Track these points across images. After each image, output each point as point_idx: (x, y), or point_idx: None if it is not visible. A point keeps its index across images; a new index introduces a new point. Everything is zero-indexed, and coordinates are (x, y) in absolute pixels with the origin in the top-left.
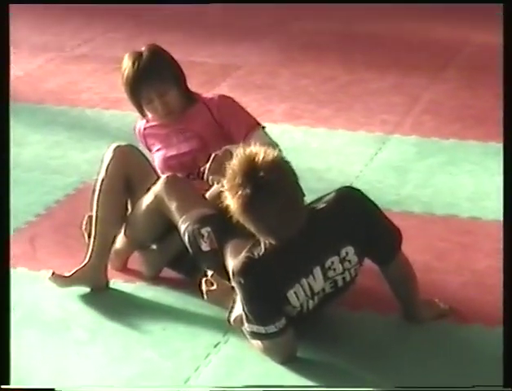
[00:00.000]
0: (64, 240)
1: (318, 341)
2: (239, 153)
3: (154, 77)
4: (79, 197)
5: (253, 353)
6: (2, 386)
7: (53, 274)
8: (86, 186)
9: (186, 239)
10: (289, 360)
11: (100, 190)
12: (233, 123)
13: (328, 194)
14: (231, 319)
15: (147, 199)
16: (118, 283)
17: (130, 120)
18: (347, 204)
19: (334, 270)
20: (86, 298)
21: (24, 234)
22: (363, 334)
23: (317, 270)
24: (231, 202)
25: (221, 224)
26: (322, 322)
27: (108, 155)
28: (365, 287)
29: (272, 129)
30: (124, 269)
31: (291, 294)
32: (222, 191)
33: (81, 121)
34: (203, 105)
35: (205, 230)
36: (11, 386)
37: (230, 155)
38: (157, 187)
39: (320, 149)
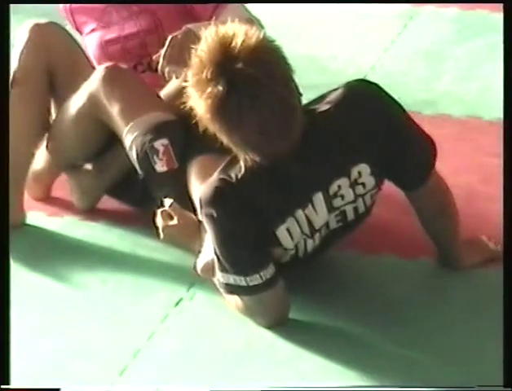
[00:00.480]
0: None
1: (317, 296)
2: (209, 34)
3: None
4: None
5: (227, 313)
6: (2, 386)
7: None
8: None
9: (134, 155)
10: (278, 323)
11: (11, 87)
12: None
13: (333, 90)
14: (199, 267)
15: (78, 100)
16: (39, 217)
17: None
18: (360, 105)
19: (342, 196)
20: None
21: None
22: (379, 286)
23: (319, 198)
24: (198, 103)
25: (182, 134)
26: (323, 269)
27: (20, 37)
28: (384, 221)
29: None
30: (47, 198)
31: (282, 231)
32: (184, 88)
33: None
34: None
35: (160, 143)
36: (11, 386)
37: (194, 37)
38: (93, 83)
39: (320, 28)
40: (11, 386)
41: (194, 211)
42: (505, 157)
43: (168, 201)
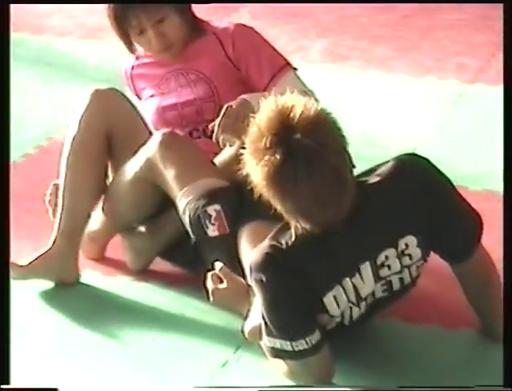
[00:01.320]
0: (21, 217)
1: (362, 362)
2: (268, 104)
3: None
4: (42, 159)
5: (272, 377)
6: (2, 386)
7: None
8: (53, 143)
9: (187, 219)
10: (324, 383)
11: (71, 149)
12: (253, 63)
13: (383, 163)
14: (246, 330)
15: (134, 164)
16: (93, 276)
17: (115, 56)
18: (410, 178)
19: (389, 267)
20: (47, 296)
21: None
22: (424, 355)
23: (366, 267)
24: (254, 170)
25: (235, 200)
26: (368, 336)
27: (82, 102)
28: (429, 291)
29: (307, 73)
30: (101, 258)
31: (329, 298)
32: (238, 156)
33: (48, 55)
34: (213, 38)
35: (212, 209)
36: (11, 386)
37: (249, 107)
38: (150, 148)
39: (373, 103)
40: (11, 386)
41: (243, 275)
42: None
43: (218, 265)
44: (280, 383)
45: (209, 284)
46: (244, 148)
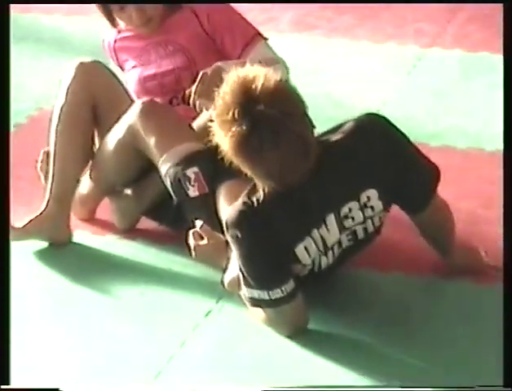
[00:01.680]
0: (14, 183)
1: (332, 309)
2: (231, 77)
3: None
4: (32, 128)
5: (252, 323)
6: (2, 386)
7: None
8: (42, 113)
9: (168, 182)
10: (297, 332)
11: (59, 118)
12: (227, 34)
13: (345, 122)
14: (226, 282)
15: (117, 132)
16: (84, 235)
17: (99, 30)
18: (370, 136)
19: (353, 218)
20: (41, 255)
21: None
22: (386, 300)
23: (331, 219)
24: (223, 140)
25: (212, 163)
26: (337, 284)
27: (68, 74)
28: (393, 239)
29: (277, 42)
30: (91, 219)
31: (300, 249)
32: (210, 126)
33: (35, 31)
34: (190, 12)
35: (191, 171)
36: (11, 386)
37: (222, 73)
38: (131, 116)
39: (338, 68)
40: (11, 386)
41: (222, 231)
42: (504, 184)
43: (199, 223)
44: (259, 328)
45: (191, 241)
46: (211, 120)
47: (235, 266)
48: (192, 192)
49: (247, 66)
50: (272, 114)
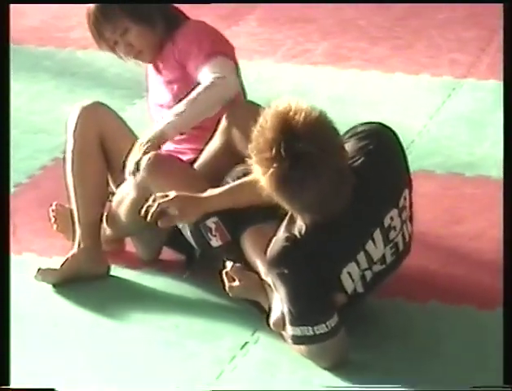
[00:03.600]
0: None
1: (369, 337)
2: (271, 112)
3: (109, 12)
4: None
5: (289, 355)
6: (2, 386)
7: (39, 270)
8: None
9: (188, 233)
10: (337, 364)
11: (72, 161)
12: (191, 60)
13: (359, 132)
14: (271, 322)
15: (128, 190)
16: (116, 268)
17: (133, 64)
18: (395, 145)
19: (395, 228)
20: (78, 289)
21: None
22: (426, 329)
23: (377, 234)
24: (262, 178)
25: (230, 210)
26: (373, 313)
27: (72, 118)
28: (427, 269)
29: (311, 74)
30: (123, 251)
31: (344, 275)
32: (247, 163)
33: (72, 66)
34: (171, 43)
35: (211, 221)
36: (11, 386)
37: (153, 144)
38: (139, 177)
39: (372, 98)
40: (11, 386)
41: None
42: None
43: (229, 264)
44: (295, 359)
45: (226, 281)
46: (250, 157)
47: (278, 305)
48: (215, 242)
49: (285, 99)
50: (312, 151)
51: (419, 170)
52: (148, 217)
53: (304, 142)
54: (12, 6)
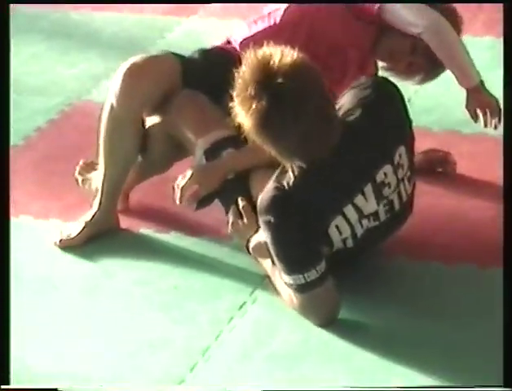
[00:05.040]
0: (46, 178)
1: (363, 298)
2: (249, 56)
3: None
4: (65, 123)
5: (287, 314)
6: (2, 386)
7: (60, 241)
8: (74, 108)
9: (204, 162)
10: (330, 319)
11: (107, 123)
12: None
13: (362, 87)
14: (251, 246)
15: (158, 124)
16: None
17: (128, 25)
18: (393, 99)
19: (389, 184)
20: (77, 250)
21: None
22: (423, 289)
23: (368, 189)
24: (244, 119)
25: (244, 144)
26: (372, 275)
27: (118, 74)
28: (427, 228)
29: None
30: (126, 209)
31: (332, 228)
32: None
33: (66, 27)
34: None
35: (226, 152)
36: (11, 386)
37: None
38: (168, 107)
39: None
40: (11, 386)
41: (255, 210)
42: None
43: (241, 202)
44: (292, 318)
45: (231, 217)
46: (233, 101)
47: (261, 234)
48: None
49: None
50: (292, 87)
51: (416, 128)
52: (179, 203)
53: (282, 80)
54: None
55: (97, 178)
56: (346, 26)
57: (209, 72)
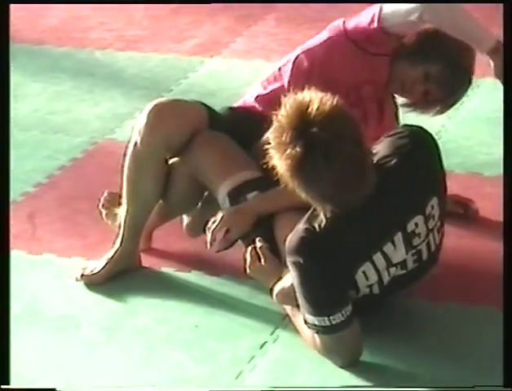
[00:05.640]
0: (70, 216)
1: (387, 340)
2: (287, 101)
3: None
4: (89, 161)
5: (308, 354)
6: (2, 386)
7: (82, 275)
8: (98, 147)
9: (228, 205)
10: (353, 361)
11: (131, 163)
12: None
13: (398, 136)
14: (275, 292)
15: (181, 165)
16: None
17: (151, 65)
18: (428, 149)
19: (419, 235)
20: (99, 288)
21: (21, 208)
22: (445, 331)
23: (398, 237)
24: (278, 163)
25: (269, 188)
26: (394, 316)
27: (143, 114)
28: (450, 270)
29: None
30: (148, 248)
31: (359, 274)
32: (266, 149)
33: (90, 66)
34: None
35: (251, 196)
36: (11, 386)
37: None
38: (189, 147)
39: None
40: (11, 386)
41: (277, 255)
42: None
43: (259, 242)
44: (313, 358)
45: (248, 258)
46: (268, 143)
47: (286, 279)
48: None
49: (303, 92)
50: (326, 136)
51: None
52: (209, 247)
53: (318, 128)
54: (30, 7)
55: (121, 214)
56: (357, 65)
57: (235, 121)
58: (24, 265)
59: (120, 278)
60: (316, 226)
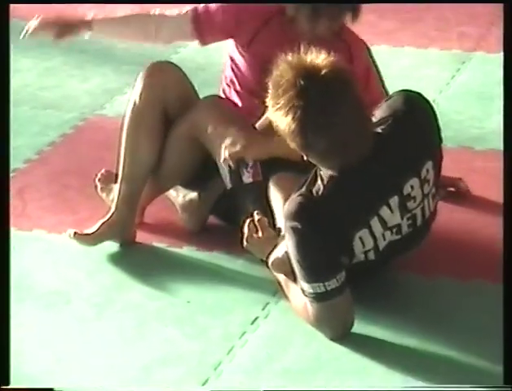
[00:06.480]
0: (60, 192)
1: (379, 312)
2: (285, 62)
3: None
4: (79, 137)
5: (299, 329)
6: (2, 386)
7: (75, 234)
8: (88, 123)
9: (226, 167)
10: (344, 331)
11: (130, 121)
12: None
13: (393, 99)
14: (270, 261)
15: (180, 126)
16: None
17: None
18: (423, 112)
19: (414, 198)
20: (91, 263)
21: (11, 184)
22: (435, 305)
23: (395, 201)
24: (281, 121)
25: None
26: (383, 289)
27: (141, 76)
28: (440, 244)
29: None
30: (141, 222)
31: (356, 240)
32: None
33: (81, 42)
34: None
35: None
36: (11, 386)
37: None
38: (194, 110)
39: (381, 72)
40: (11, 386)
41: (271, 220)
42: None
43: (257, 215)
44: (304, 333)
45: (246, 230)
46: (267, 106)
47: (281, 248)
48: (247, 178)
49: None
50: (328, 93)
51: None
52: (222, 161)
53: (321, 82)
54: None
55: (116, 189)
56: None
57: None
58: (14, 242)
59: (112, 253)
60: (314, 191)
